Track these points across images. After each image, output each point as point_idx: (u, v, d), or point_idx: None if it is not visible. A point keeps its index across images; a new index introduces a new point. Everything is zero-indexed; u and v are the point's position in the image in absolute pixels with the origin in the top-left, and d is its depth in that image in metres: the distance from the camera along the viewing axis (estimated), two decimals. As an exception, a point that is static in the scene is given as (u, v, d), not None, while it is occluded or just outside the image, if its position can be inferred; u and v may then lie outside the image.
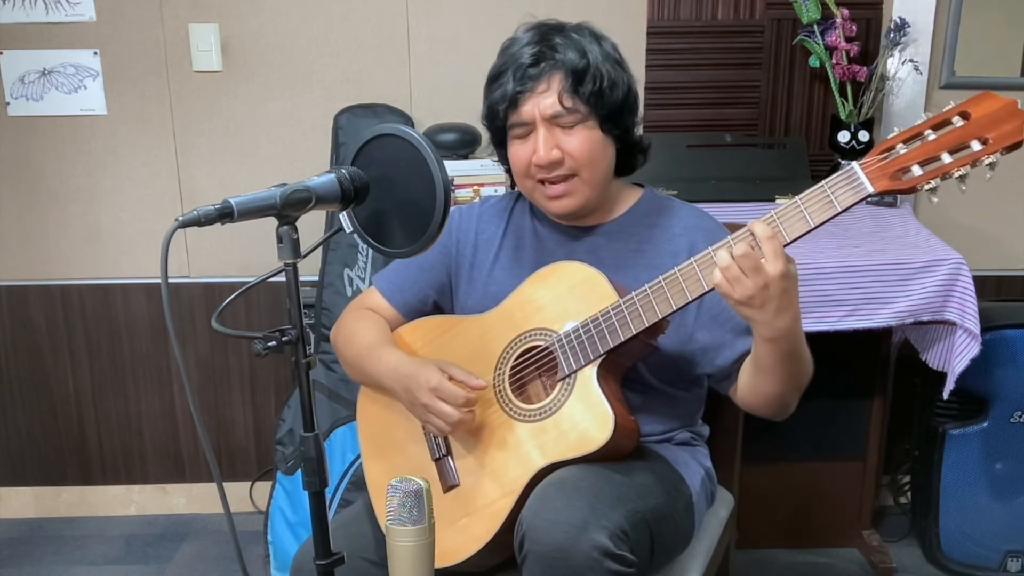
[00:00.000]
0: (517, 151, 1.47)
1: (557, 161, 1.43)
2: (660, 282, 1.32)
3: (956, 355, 2.06)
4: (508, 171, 1.56)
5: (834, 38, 2.39)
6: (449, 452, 1.48)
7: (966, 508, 2.38)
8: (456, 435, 1.47)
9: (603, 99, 1.43)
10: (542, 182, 1.46)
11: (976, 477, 2.35)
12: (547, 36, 1.44)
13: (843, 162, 2.43)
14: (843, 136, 2.40)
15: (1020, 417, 2.31)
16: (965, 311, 2.03)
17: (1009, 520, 2.37)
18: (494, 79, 1.46)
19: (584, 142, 1.43)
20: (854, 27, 2.41)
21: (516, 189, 1.63)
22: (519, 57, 1.43)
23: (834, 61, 2.40)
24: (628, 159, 1.53)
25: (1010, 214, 2.59)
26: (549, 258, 1.50)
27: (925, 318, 2.06)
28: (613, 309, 1.36)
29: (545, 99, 1.42)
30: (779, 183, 2.40)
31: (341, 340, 1.60)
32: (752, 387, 1.40)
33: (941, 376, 2.13)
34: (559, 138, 1.43)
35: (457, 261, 1.59)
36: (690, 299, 1.31)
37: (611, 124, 1.45)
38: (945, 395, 2.12)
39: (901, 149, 1.18)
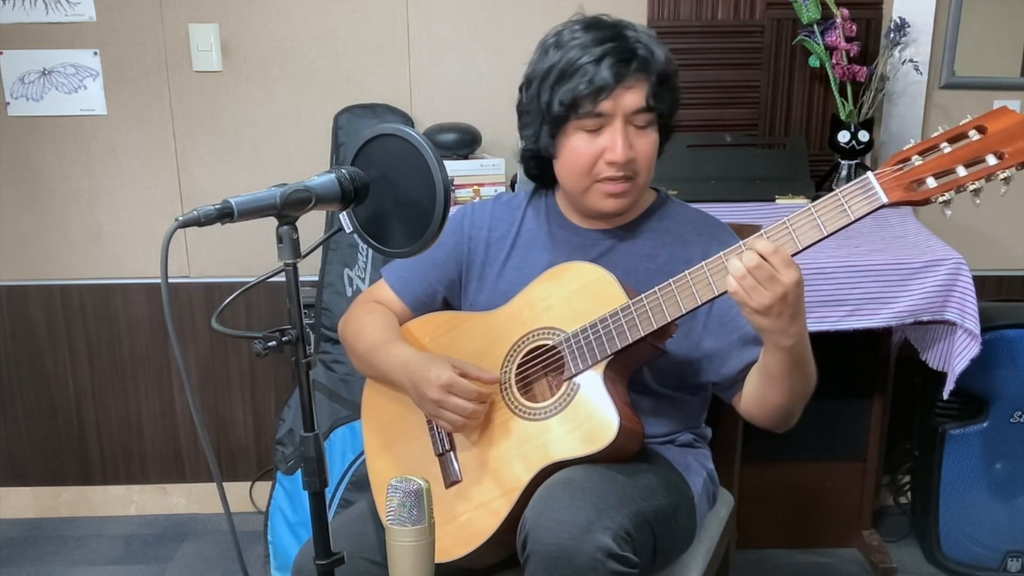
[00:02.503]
0: (582, 145, 1.43)
1: (631, 160, 1.42)
2: (670, 285, 1.32)
3: (956, 355, 2.06)
4: (525, 158, 1.53)
5: (834, 38, 2.39)
6: (452, 448, 1.48)
7: (966, 508, 2.38)
8: (460, 431, 1.47)
9: (673, 106, 1.45)
10: (601, 179, 1.44)
11: (976, 477, 2.35)
12: (622, 35, 1.41)
13: (843, 162, 2.43)
14: (843, 136, 2.40)
15: (1020, 417, 2.31)
16: (965, 311, 2.03)
17: (1009, 520, 2.37)
18: (572, 71, 1.39)
19: (650, 145, 1.44)
20: (854, 27, 2.41)
21: (528, 188, 1.62)
22: (600, 51, 1.39)
23: (834, 61, 2.40)
24: None
25: (1010, 214, 2.59)
26: (561, 258, 1.50)
27: (925, 318, 2.06)
28: (622, 311, 1.36)
29: (632, 95, 1.40)
30: (779, 183, 2.40)
31: (349, 333, 1.60)
32: (759, 397, 1.40)
33: (941, 376, 2.13)
34: (632, 137, 1.42)
35: (468, 258, 1.59)
36: (700, 303, 1.31)
37: (666, 132, 1.47)
38: (945, 395, 2.12)
39: (916, 161, 1.18)
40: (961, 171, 1.16)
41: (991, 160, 1.15)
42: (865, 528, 2.50)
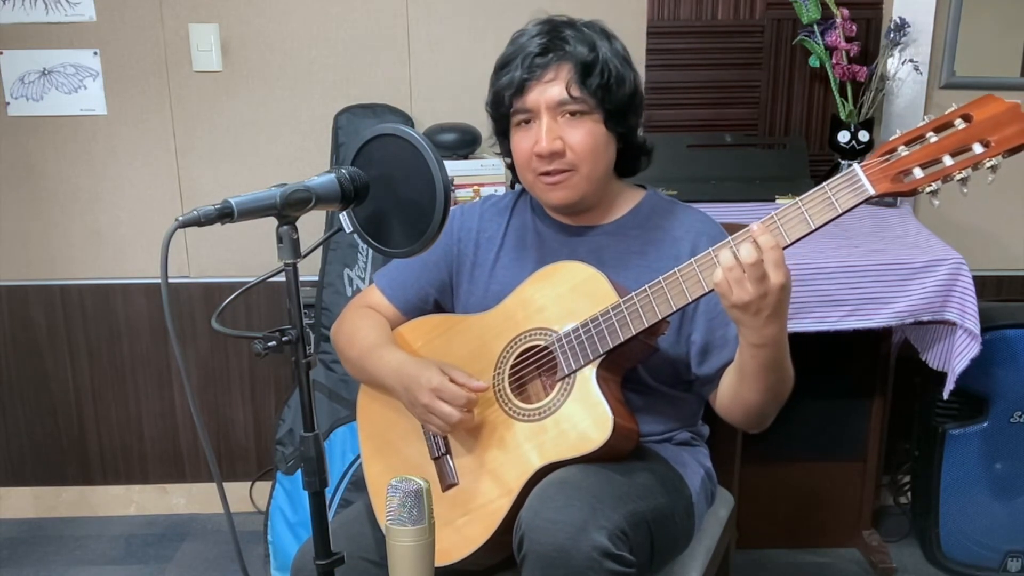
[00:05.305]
0: (519, 141, 1.47)
1: (559, 152, 1.43)
2: (660, 283, 1.32)
3: (956, 355, 2.06)
4: (510, 165, 1.56)
5: (834, 38, 2.39)
6: (448, 451, 1.48)
7: (966, 508, 2.38)
8: (455, 434, 1.47)
9: (610, 94, 1.43)
10: (542, 174, 1.46)
11: (976, 477, 2.35)
12: (557, 29, 1.45)
13: (843, 162, 2.43)
14: (843, 136, 2.40)
15: (1020, 417, 2.31)
16: (965, 311, 2.03)
17: (1009, 520, 2.37)
18: (502, 66, 1.47)
19: (587, 135, 1.43)
20: (854, 27, 2.41)
21: (517, 187, 1.63)
22: (528, 46, 1.44)
23: (834, 61, 2.40)
24: (631, 160, 1.54)
25: (1010, 214, 2.59)
26: (551, 257, 1.50)
27: (925, 318, 2.06)
28: (613, 309, 1.36)
29: (551, 88, 1.42)
30: (779, 183, 2.40)
31: (342, 339, 1.61)
32: (732, 394, 1.40)
33: (941, 376, 2.13)
34: (562, 129, 1.43)
35: (459, 260, 1.59)
36: (690, 300, 1.31)
37: (615, 121, 1.46)
38: (945, 395, 2.12)
39: (903, 151, 1.18)
40: (948, 160, 1.16)
41: (977, 148, 1.14)
42: (865, 528, 2.50)
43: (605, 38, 1.46)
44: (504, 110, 1.47)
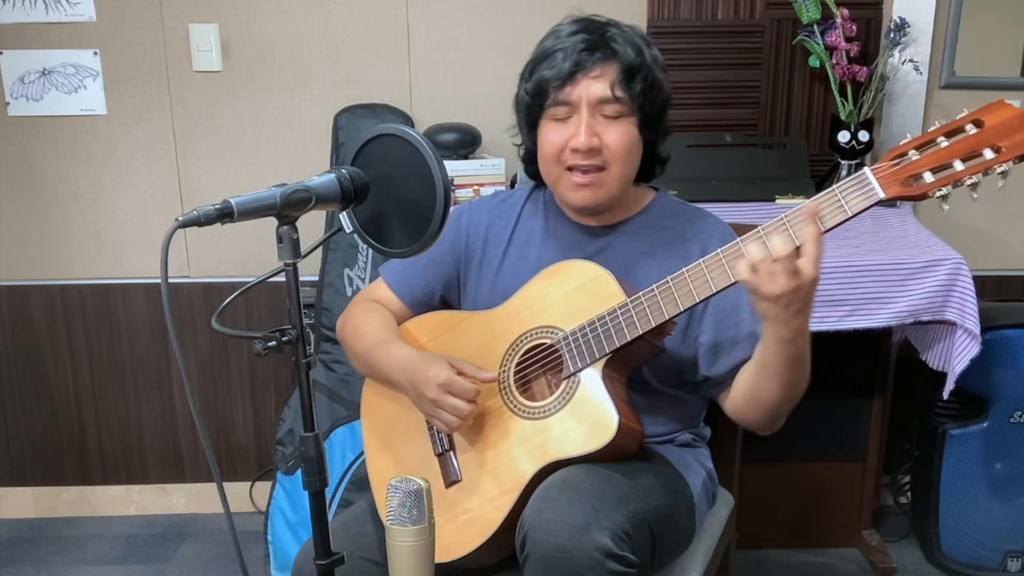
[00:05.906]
0: (551, 134, 1.46)
1: (595, 149, 1.43)
2: (668, 283, 1.32)
3: (956, 355, 2.06)
4: (524, 158, 1.56)
5: (834, 38, 2.39)
6: (452, 447, 1.48)
7: (966, 508, 2.38)
8: (459, 431, 1.47)
9: (649, 99, 1.44)
10: (570, 169, 1.45)
11: (976, 477, 2.35)
12: (601, 28, 1.46)
13: (843, 162, 2.43)
14: (843, 136, 2.40)
15: (1020, 417, 2.31)
16: (965, 311, 2.03)
17: (1009, 520, 2.37)
18: (543, 59, 1.45)
19: (623, 136, 1.43)
20: (854, 27, 2.41)
21: (528, 184, 1.63)
22: (572, 41, 1.43)
23: (834, 61, 2.41)
24: (647, 167, 1.54)
25: (1010, 214, 2.59)
26: (559, 256, 1.50)
27: (925, 318, 2.06)
28: (620, 309, 1.36)
29: (596, 84, 1.42)
30: (779, 183, 2.40)
31: (348, 333, 1.60)
32: (749, 393, 1.40)
33: (941, 376, 2.13)
34: (600, 127, 1.43)
35: (466, 256, 1.59)
36: (698, 300, 1.31)
37: (648, 127, 1.46)
38: (945, 395, 2.12)
39: (913, 155, 1.18)
40: (958, 165, 1.16)
41: (988, 154, 1.15)
42: (865, 528, 2.50)
43: (646, 44, 1.47)
44: (542, 100, 1.45)
